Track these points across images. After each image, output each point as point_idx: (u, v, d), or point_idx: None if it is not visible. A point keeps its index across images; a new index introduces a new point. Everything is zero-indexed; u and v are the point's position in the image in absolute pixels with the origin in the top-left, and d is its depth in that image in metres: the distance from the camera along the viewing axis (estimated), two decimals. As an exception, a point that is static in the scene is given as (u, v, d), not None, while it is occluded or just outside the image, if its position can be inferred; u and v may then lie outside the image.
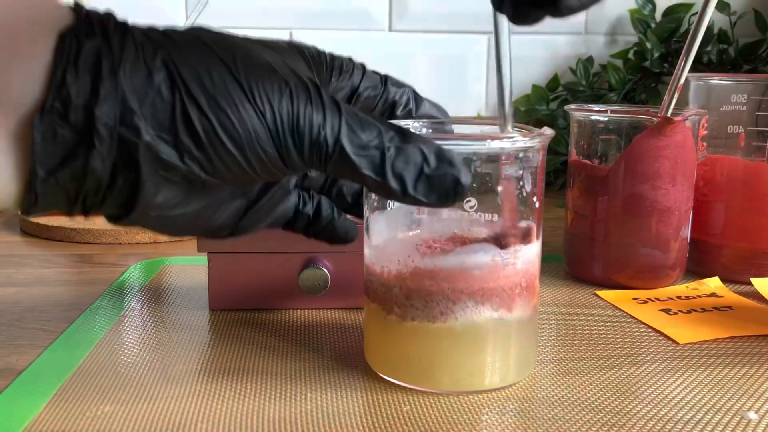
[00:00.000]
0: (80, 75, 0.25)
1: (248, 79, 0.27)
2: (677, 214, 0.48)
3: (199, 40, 0.28)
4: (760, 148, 0.51)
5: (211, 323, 0.42)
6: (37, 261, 0.57)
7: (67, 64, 0.25)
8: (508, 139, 0.32)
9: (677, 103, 0.46)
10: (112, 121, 0.25)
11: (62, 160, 0.25)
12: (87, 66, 0.25)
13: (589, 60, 0.91)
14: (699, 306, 0.46)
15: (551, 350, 0.38)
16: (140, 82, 0.26)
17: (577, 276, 0.52)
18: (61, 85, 0.25)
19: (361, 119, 0.28)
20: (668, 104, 0.46)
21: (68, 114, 0.25)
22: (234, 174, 0.28)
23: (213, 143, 0.27)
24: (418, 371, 0.33)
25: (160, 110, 0.26)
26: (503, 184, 0.32)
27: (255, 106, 0.27)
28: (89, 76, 0.25)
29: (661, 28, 0.86)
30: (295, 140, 0.28)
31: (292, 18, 0.89)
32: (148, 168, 0.26)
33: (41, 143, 0.25)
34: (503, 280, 0.32)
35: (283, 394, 0.32)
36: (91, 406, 0.31)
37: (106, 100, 0.25)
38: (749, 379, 0.35)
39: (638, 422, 0.30)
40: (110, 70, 0.25)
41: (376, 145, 0.28)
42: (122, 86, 0.25)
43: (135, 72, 0.26)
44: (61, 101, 0.25)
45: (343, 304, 0.44)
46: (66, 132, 0.25)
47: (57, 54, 0.25)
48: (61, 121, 0.25)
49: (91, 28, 0.26)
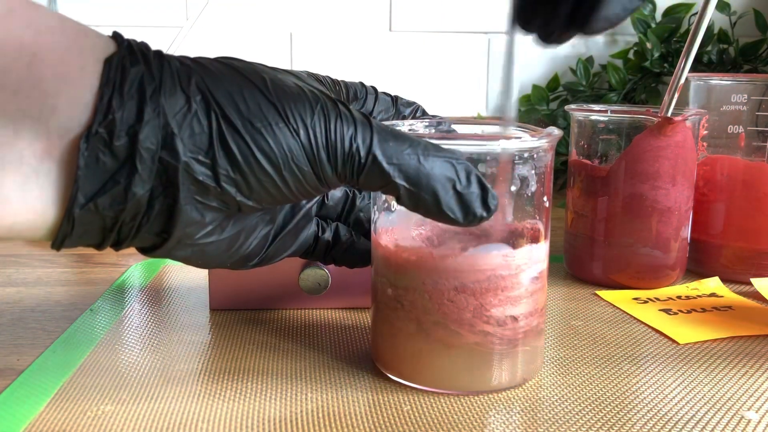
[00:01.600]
0: (125, 100, 0.25)
1: (280, 99, 0.28)
2: (677, 214, 0.49)
3: (229, 66, 0.29)
4: (760, 148, 0.51)
5: (211, 323, 0.42)
6: (37, 261, 0.57)
7: (113, 90, 0.25)
8: (517, 139, 0.32)
9: (677, 103, 0.47)
10: (154, 145, 0.26)
11: (102, 185, 0.26)
12: (132, 92, 0.26)
13: (589, 60, 0.91)
14: (699, 306, 0.46)
15: (551, 350, 0.38)
16: (179, 106, 0.26)
17: (577, 276, 0.52)
18: (107, 110, 0.25)
19: (391, 131, 0.29)
20: (668, 104, 0.46)
21: (112, 139, 0.25)
22: (270, 194, 0.29)
23: (249, 164, 0.27)
24: (426, 371, 0.33)
25: (198, 133, 0.27)
26: (513, 184, 0.32)
27: (289, 125, 0.28)
28: (134, 101, 0.26)
29: (661, 28, 0.86)
30: (329, 155, 0.28)
31: (292, 18, 0.89)
32: (186, 192, 0.27)
33: (84, 169, 0.25)
34: (513, 279, 0.32)
35: (284, 394, 0.33)
36: (91, 405, 0.31)
37: (149, 124, 0.26)
38: (749, 379, 0.35)
39: (638, 422, 0.30)
40: (152, 95, 0.26)
41: (408, 154, 0.29)
42: (164, 110, 0.26)
43: (173, 96, 0.26)
44: (106, 127, 0.25)
45: (344, 304, 0.44)
46: (108, 158, 0.26)
47: (103, 80, 0.25)
48: (104, 147, 0.25)
49: (133, 55, 0.26)
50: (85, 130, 0.25)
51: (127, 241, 0.28)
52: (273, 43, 0.89)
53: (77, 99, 0.25)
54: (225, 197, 0.28)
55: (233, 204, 0.28)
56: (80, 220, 0.26)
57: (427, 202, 0.29)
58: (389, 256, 0.33)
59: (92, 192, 0.26)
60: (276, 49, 0.89)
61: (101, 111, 0.25)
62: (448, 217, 0.29)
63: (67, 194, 0.26)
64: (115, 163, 0.26)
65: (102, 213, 0.26)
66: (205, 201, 0.28)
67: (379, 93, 0.40)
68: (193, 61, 0.28)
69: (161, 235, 0.28)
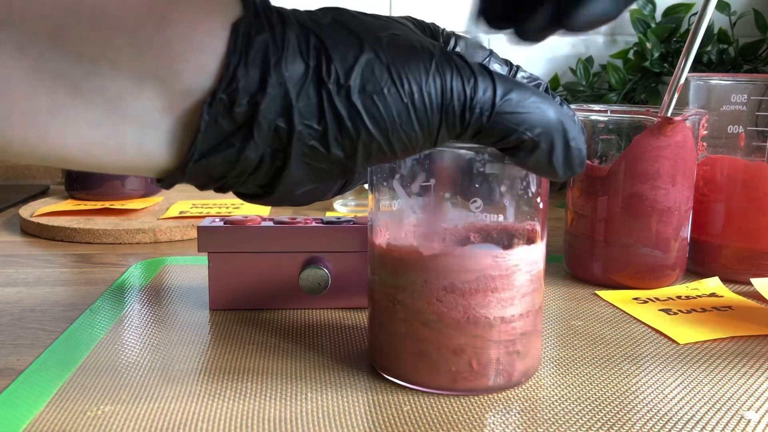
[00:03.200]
0: (249, 69, 0.26)
1: (395, 61, 0.27)
2: (677, 214, 0.49)
3: (344, 26, 0.28)
4: (760, 148, 0.51)
5: (211, 323, 0.42)
6: (37, 261, 0.57)
7: (240, 58, 0.26)
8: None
9: (677, 103, 0.47)
10: (273, 114, 0.26)
11: (217, 145, 0.26)
12: (256, 60, 0.26)
13: (589, 60, 0.91)
14: (699, 306, 0.46)
15: (551, 350, 0.38)
16: (298, 74, 0.26)
17: (577, 276, 0.52)
18: (231, 78, 0.25)
19: (514, 83, 0.29)
20: (668, 104, 0.46)
21: (233, 106, 0.26)
22: (375, 157, 0.29)
23: (357, 129, 0.27)
24: (420, 371, 0.33)
25: (312, 100, 0.27)
26: (506, 184, 0.32)
27: (401, 90, 0.27)
28: (257, 70, 0.26)
29: (661, 28, 0.86)
30: (446, 116, 0.28)
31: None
32: (296, 155, 0.27)
33: (204, 131, 0.26)
34: (504, 280, 0.32)
35: (283, 394, 0.33)
36: (91, 405, 0.31)
37: (270, 95, 0.26)
38: (749, 379, 0.35)
39: (638, 422, 0.30)
40: (276, 64, 0.26)
41: (534, 105, 0.28)
42: (284, 80, 0.26)
43: (294, 65, 0.26)
44: (229, 94, 0.26)
45: (343, 304, 0.44)
46: (226, 122, 0.26)
47: (230, 47, 0.26)
48: (224, 111, 0.26)
49: (258, 20, 0.26)
50: (209, 96, 0.26)
51: (231, 189, 0.29)
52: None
53: (203, 65, 0.25)
54: (332, 160, 0.28)
55: (341, 165, 0.29)
56: (191, 172, 0.27)
57: (540, 154, 0.29)
58: (382, 254, 0.33)
59: (206, 150, 0.27)
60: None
61: (226, 79, 0.25)
62: (551, 171, 0.30)
63: (183, 148, 0.27)
64: (233, 126, 0.26)
65: (212, 168, 0.27)
66: (314, 162, 0.28)
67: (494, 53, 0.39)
68: (311, 20, 0.28)
69: (265, 188, 0.29)
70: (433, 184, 0.32)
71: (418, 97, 0.27)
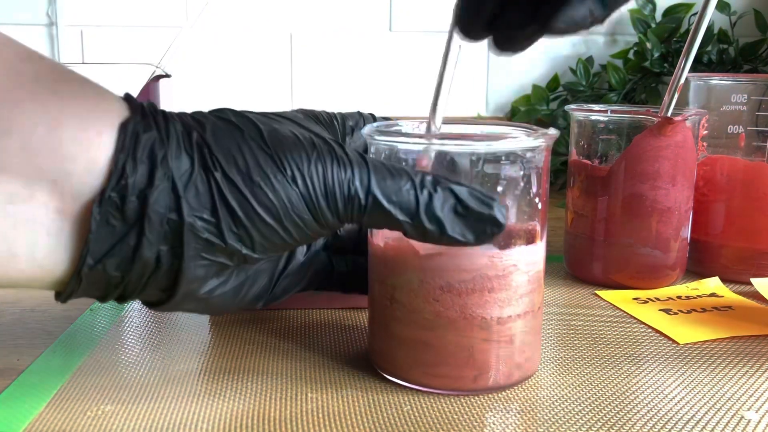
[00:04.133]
0: (138, 165, 0.26)
1: (277, 151, 0.28)
2: (677, 214, 0.49)
3: (226, 121, 0.29)
4: (760, 148, 0.51)
5: (211, 323, 0.42)
6: (37, 261, 0.57)
7: (127, 156, 0.26)
8: (513, 139, 0.32)
9: (677, 103, 0.47)
10: (163, 208, 0.26)
11: (111, 247, 0.27)
12: (143, 157, 0.26)
13: (589, 60, 0.91)
14: (699, 306, 0.46)
15: (551, 350, 0.38)
16: (184, 167, 0.27)
17: (577, 276, 0.52)
18: (120, 175, 0.26)
19: (388, 168, 0.29)
20: (668, 104, 0.46)
21: (124, 203, 0.26)
22: (273, 244, 0.29)
23: (251, 218, 0.28)
24: (417, 370, 0.33)
25: (201, 192, 0.27)
26: (502, 184, 0.32)
27: (286, 176, 0.28)
28: (145, 166, 0.26)
29: (661, 28, 0.86)
30: (329, 201, 0.29)
31: (292, 18, 0.89)
32: (191, 250, 0.28)
33: (95, 232, 0.26)
34: (501, 280, 0.32)
35: (284, 394, 0.33)
36: (91, 405, 0.31)
37: (158, 188, 0.26)
38: (749, 379, 0.35)
39: (638, 422, 0.30)
40: (162, 160, 0.26)
41: (408, 190, 0.29)
42: (171, 173, 0.27)
43: (179, 159, 0.27)
44: (119, 191, 0.26)
45: (343, 304, 0.44)
46: (118, 222, 0.26)
47: (119, 146, 0.26)
48: (115, 211, 0.26)
49: (146, 121, 0.27)
50: (99, 195, 0.26)
51: (133, 296, 0.29)
52: (273, 43, 0.89)
53: (93, 164, 0.26)
54: (230, 251, 0.28)
55: (239, 257, 0.29)
56: (88, 279, 0.27)
57: (433, 233, 0.29)
58: (380, 253, 0.33)
59: (101, 254, 0.27)
60: (276, 49, 0.89)
61: (115, 176, 0.26)
62: (459, 242, 0.30)
63: (76, 254, 0.27)
64: (125, 226, 0.26)
65: (109, 273, 0.27)
66: (211, 257, 0.28)
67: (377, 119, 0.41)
68: (193, 119, 0.29)
69: (166, 291, 0.29)
70: None
71: (301, 184, 0.28)
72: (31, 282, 0.27)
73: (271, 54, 0.89)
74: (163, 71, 0.58)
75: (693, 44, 0.44)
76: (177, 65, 0.82)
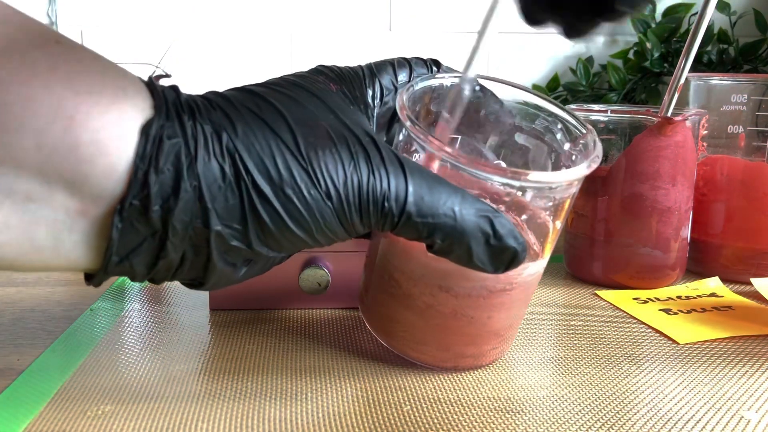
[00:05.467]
0: (161, 175, 0.25)
1: (311, 162, 0.27)
2: (677, 214, 0.48)
3: (258, 118, 0.28)
4: (760, 148, 0.51)
5: (211, 323, 0.42)
6: (37, 261, 0.57)
7: (149, 165, 0.25)
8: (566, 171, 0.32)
9: (677, 103, 0.47)
10: (188, 217, 0.26)
11: (136, 247, 0.26)
12: (168, 165, 0.25)
13: (589, 60, 0.91)
14: (699, 306, 0.46)
15: (551, 350, 0.38)
16: (213, 176, 0.26)
17: (577, 276, 0.52)
18: (142, 185, 0.25)
19: (427, 183, 0.29)
20: (668, 104, 0.46)
21: (147, 212, 0.25)
22: (300, 247, 0.29)
23: (280, 229, 0.27)
24: (403, 342, 0.35)
25: (231, 203, 0.26)
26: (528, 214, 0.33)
27: (320, 192, 0.27)
28: (169, 176, 0.25)
29: (661, 28, 0.86)
30: (362, 216, 0.28)
31: (292, 18, 0.89)
32: (218, 253, 0.27)
33: (117, 236, 0.26)
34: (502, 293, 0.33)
35: (284, 394, 0.33)
36: (91, 405, 0.31)
37: (183, 200, 0.26)
38: (749, 379, 0.35)
39: (638, 422, 0.30)
40: (189, 168, 0.26)
41: (444, 210, 0.28)
42: (199, 183, 0.26)
43: (208, 167, 0.26)
44: (141, 200, 0.25)
45: (344, 304, 0.44)
46: (141, 226, 0.26)
47: (139, 152, 0.25)
48: (138, 216, 0.25)
49: (170, 121, 0.26)
50: (119, 203, 0.25)
51: (163, 282, 0.29)
52: (273, 43, 0.89)
53: (111, 169, 0.25)
54: (256, 255, 0.28)
55: (267, 259, 0.29)
56: (115, 272, 0.27)
57: (459, 255, 0.29)
58: (393, 237, 0.33)
59: (126, 252, 0.26)
60: (276, 49, 0.89)
61: (136, 185, 0.25)
62: (477, 267, 0.30)
63: (101, 252, 0.26)
64: (149, 229, 0.26)
65: (136, 268, 0.27)
66: (238, 258, 0.28)
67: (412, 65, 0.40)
68: (223, 113, 0.27)
69: (195, 280, 0.29)
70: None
71: (336, 200, 0.27)
72: (60, 270, 0.27)
73: (271, 54, 0.89)
74: (163, 71, 0.58)
75: (693, 44, 0.44)
76: (177, 65, 0.82)
